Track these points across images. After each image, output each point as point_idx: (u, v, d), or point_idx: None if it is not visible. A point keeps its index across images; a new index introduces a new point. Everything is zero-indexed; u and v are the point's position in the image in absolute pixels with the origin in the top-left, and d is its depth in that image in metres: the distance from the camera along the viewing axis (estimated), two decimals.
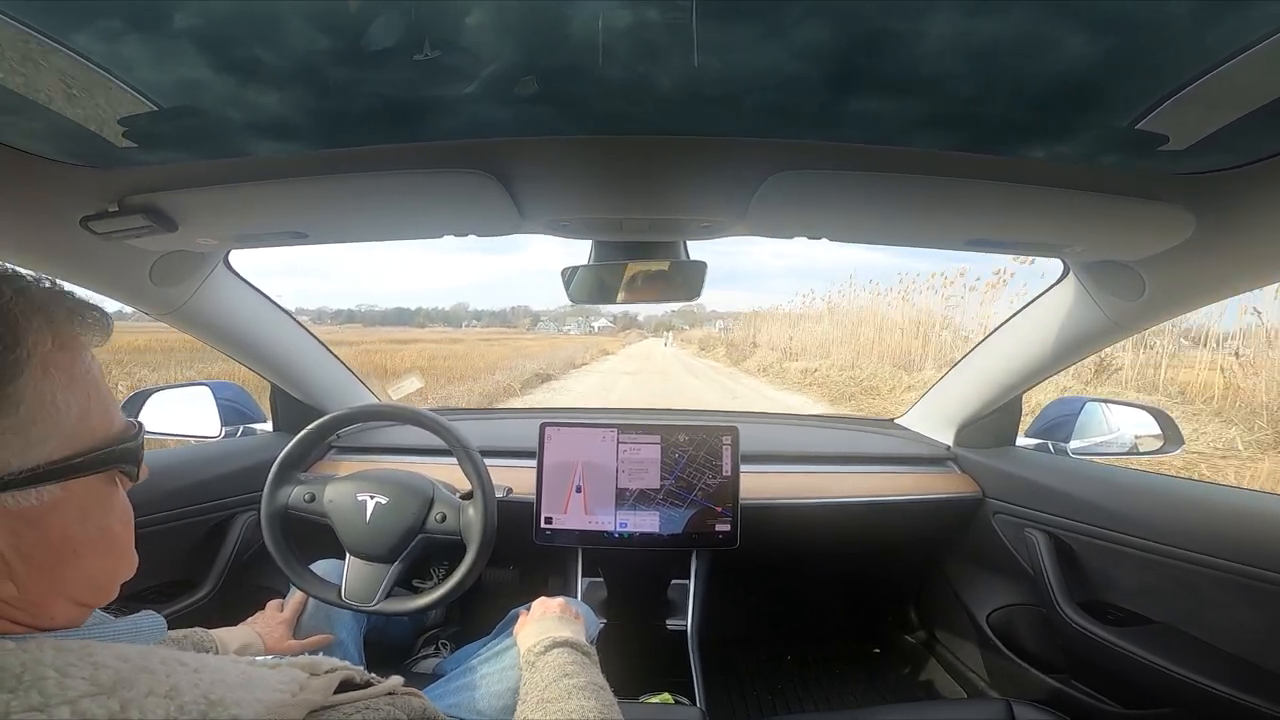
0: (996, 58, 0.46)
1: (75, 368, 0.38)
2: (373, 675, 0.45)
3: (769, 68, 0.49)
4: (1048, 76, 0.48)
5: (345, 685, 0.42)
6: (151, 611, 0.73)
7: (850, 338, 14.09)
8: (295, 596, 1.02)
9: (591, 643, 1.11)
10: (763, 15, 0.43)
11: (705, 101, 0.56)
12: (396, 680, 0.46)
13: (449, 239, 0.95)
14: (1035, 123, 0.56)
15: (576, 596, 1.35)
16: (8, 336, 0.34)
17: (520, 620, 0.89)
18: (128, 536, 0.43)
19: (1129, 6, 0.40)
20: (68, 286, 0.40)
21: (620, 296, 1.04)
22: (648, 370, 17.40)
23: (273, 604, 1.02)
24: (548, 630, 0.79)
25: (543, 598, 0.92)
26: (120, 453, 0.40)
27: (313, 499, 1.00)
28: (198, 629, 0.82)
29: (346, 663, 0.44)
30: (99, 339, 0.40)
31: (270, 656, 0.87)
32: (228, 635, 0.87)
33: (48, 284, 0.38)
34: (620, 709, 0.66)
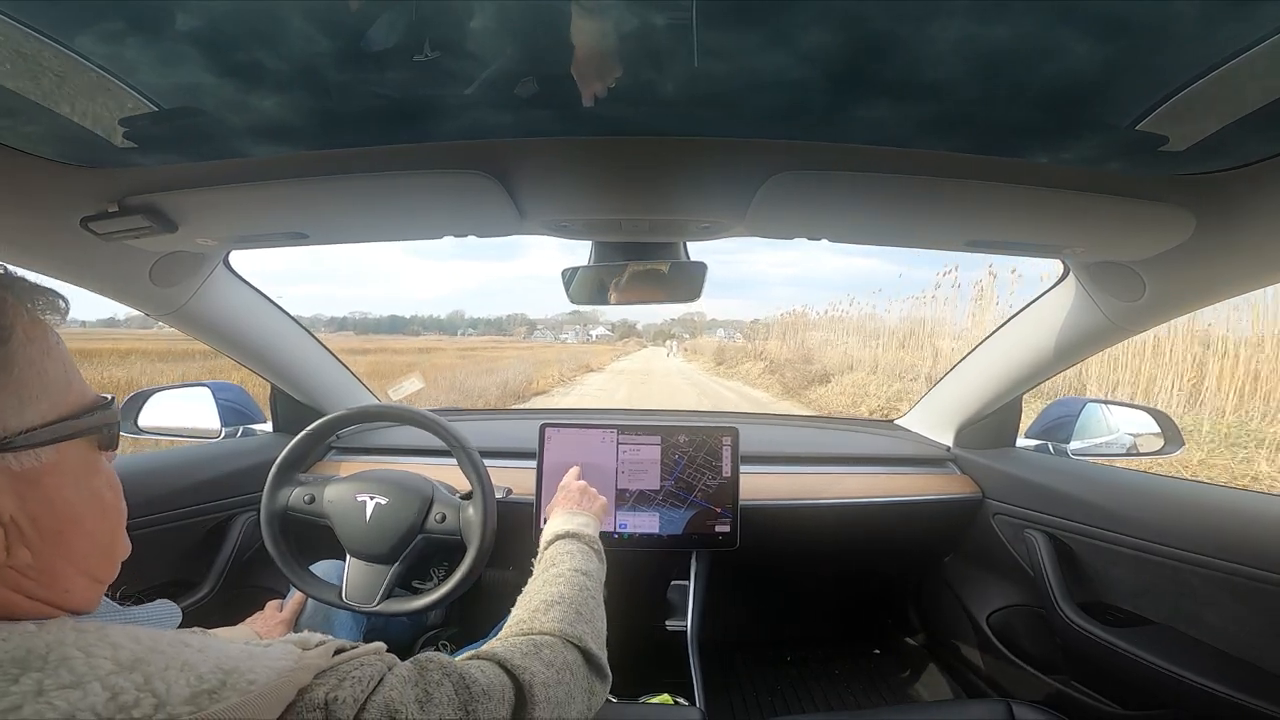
0: (999, 62, 0.46)
1: (48, 339, 0.40)
2: (359, 643, 0.48)
3: (771, 71, 0.49)
4: (1049, 79, 0.48)
5: (338, 652, 0.45)
6: (166, 600, 0.74)
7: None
8: (295, 596, 1.02)
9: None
10: (765, 20, 0.43)
11: (707, 103, 0.56)
12: (379, 645, 0.49)
13: (449, 246, 0.97)
14: (1036, 124, 0.56)
15: None
16: None
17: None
18: (119, 506, 0.45)
19: (1131, 9, 0.40)
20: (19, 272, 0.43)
21: (620, 297, 1.04)
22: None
23: (272, 604, 1.02)
24: (555, 525, 0.84)
25: (565, 481, 0.97)
26: (102, 417, 0.43)
27: (313, 500, 1.00)
28: (196, 629, 0.83)
29: (330, 637, 0.46)
30: (55, 318, 0.43)
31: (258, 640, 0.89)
32: (226, 634, 0.87)
33: (2, 269, 0.41)
34: (619, 710, 0.66)
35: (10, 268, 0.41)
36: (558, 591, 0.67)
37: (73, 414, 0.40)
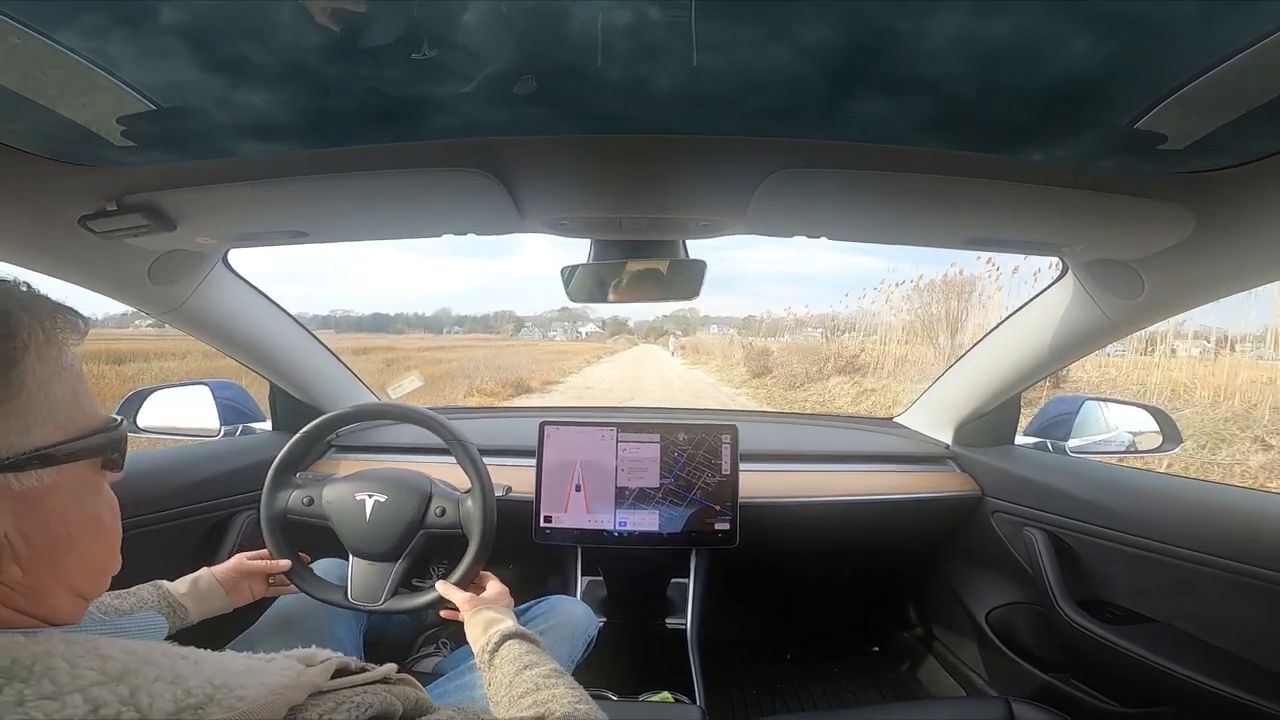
0: (1000, 57, 0.46)
1: (62, 358, 0.40)
2: (367, 664, 0.47)
3: (770, 68, 0.49)
4: (1050, 76, 0.48)
5: (341, 672, 0.44)
6: (153, 612, 0.73)
7: None
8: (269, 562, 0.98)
9: (590, 642, 1.11)
10: (764, 15, 0.43)
11: (706, 101, 0.56)
12: (390, 668, 0.48)
13: (441, 245, 0.95)
14: (1036, 122, 0.56)
15: (576, 595, 1.35)
16: (3, 327, 0.37)
17: (454, 614, 0.89)
18: (116, 528, 0.45)
19: (1130, 6, 0.40)
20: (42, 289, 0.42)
21: (619, 295, 1.04)
22: None
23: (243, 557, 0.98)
24: (491, 624, 0.78)
25: (459, 593, 0.90)
26: (108, 440, 0.42)
27: (311, 502, 0.99)
28: (158, 581, 0.84)
29: (339, 653, 0.46)
30: (75, 338, 0.43)
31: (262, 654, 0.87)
32: (182, 581, 0.87)
33: (25, 287, 0.41)
34: (620, 708, 0.65)
35: (31, 284, 0.42)
36: (563, 693, 0.64)
37: (78, 436, 0.40)
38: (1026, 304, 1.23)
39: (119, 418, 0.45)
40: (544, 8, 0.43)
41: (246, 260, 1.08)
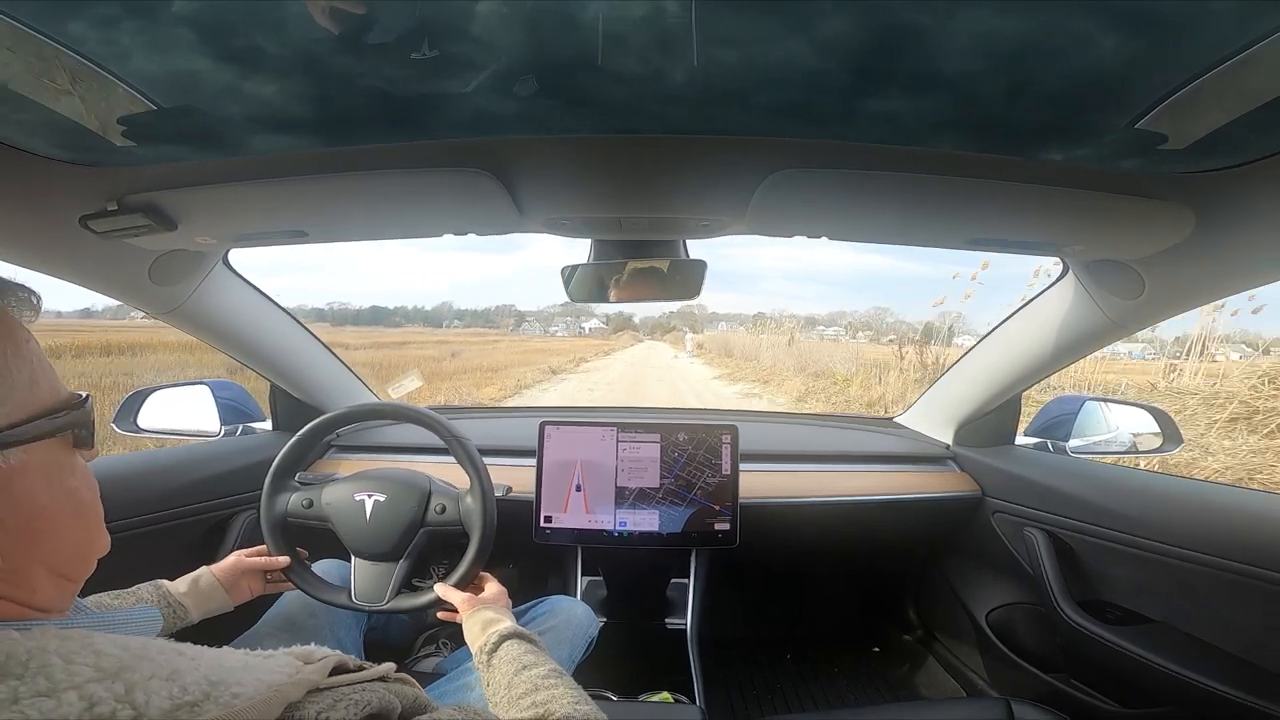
0: (1014, 56, 0.46)
1: (16, 337, 0.40)
2: (365, 662, 0.46)
3: (783, 64, 0.48)
4: (1057, 76, 0.48)
5: (339, 670, 0.44)
6: (148, 606, 0.73)
7: None
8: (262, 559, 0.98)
9: (591, 642, 1.11)
10: (774, 11, 0.43)
11: (707, 101, 0.56)
12: (389, 666, 0.47)
13: (449, 239, 0.94)
14: (1038, 122, 0.56)
15: (576, 595, 1.36)
16: None
17: (452, 615, 0.90)
18: (96, 505, 0.45)
19: (1141, 6, 0.40)
20: None
21: (619, 295, 1.04)
22: None
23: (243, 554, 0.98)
24: (489, 625, 0.78)
25: (457, 594, 0.91)
26: (74, 416, 0.42)
27: (311, 504, 0.99)
28: (158, 581, 0.85)
29: (338, 651, 0.45)
30: (29, 314, 0.42)
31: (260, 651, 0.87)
32: (182, 581, 0.88)
33: None
34: (620, 708, 0.65)
35: None
36: (562, 693, 0.64)
37: (40, 414, 0.39)
38: (1027, 304, 1.23)
39: (84, 394, 0.44)
40: (547, 7, 0.43)
41: (249, 249, 1.08)
